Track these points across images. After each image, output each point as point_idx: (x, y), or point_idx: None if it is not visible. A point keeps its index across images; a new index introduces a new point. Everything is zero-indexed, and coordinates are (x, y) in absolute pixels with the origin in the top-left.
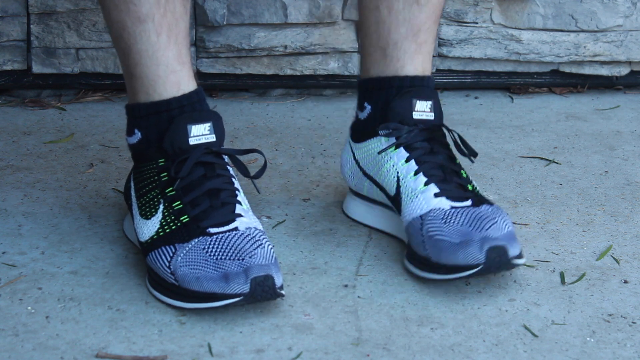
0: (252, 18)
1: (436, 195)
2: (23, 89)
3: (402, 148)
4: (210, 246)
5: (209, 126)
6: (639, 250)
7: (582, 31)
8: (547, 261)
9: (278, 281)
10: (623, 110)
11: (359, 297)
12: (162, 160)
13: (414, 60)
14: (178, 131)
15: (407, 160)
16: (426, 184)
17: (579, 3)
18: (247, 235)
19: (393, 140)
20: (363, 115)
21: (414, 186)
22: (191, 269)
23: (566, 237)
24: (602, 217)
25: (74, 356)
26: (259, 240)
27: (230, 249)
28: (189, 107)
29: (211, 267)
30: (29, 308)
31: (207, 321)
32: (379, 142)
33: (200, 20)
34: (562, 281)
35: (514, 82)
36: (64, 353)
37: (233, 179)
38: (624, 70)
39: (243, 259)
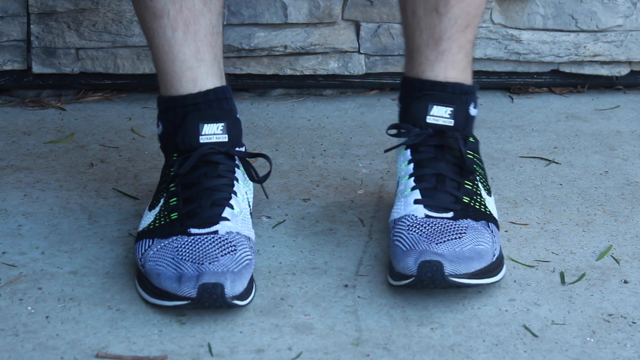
0: (252, 18)
1: (415, 202)
2: (23, 89)
3: (408, 150)
4: (183, 246)
5: (222, 126)
6: (639, 250)
7: (582, 31)
8: (547, 261)
9: (233, 290)
10: (623, 110)
11: (359, 297)
12: (175, 155)
13: (435, 68)
14: (190, 128)
15: (409, 163)
16: (412, 189)
17: (579, 3)
18: (222, 240)
19: (402, 140)
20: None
21: (403, 189)
22: (157, 264)
23: (566, 237)
24: (602, 217)
25: (74, 356)
26: (234, 245)
27: (197, 251)
28: (205, 105)
29: (173, 266)
30: (29, 308)
31: (207, 321)
32: (397, 140)
33: None
34: (562, 281)
35: (514, 82)
36: (64, 353)
37: (235, 182)
38: (624, 70)
39: (202, 264)
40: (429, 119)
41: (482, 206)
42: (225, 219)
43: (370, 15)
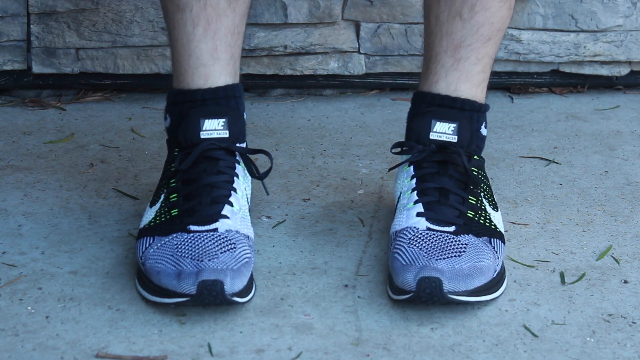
0: (252, 18)
1: (418, 214)
2: (23, 89)
3: (411, 166)
4: (182, 243)
5: (223, 122)
6: (639, 250)
7: (582, 31)
8: (547, 261)
9: (232, 287)
10: (623, 110)
11: (359, 297)
12: (177, 150)
13: (449, 76)
14: (191, 123)
15: (412, 178)
16: (415, 202)
17: (579, 3)
18: (221, 238)
19: (406, 157)
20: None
21: (406, 202)
22: (157, 262)
23: (566, 237)
24: (602, 217)
25: (74, 356)
26: (234, 243)
27: (196, 248)
28: (213, 102)
29: (172, 263)
30: (29, 308)
31: (207, 321)
32: (401, 158)
33: None
34: (562, 281)
35: (514, 82)
36: (64, 353)
37: (235, 178)
38: (624, 70)
39: (202, 261)
40: (432, 136)
41: (487, 221)
42: (225, 216)
43: (370, 15)
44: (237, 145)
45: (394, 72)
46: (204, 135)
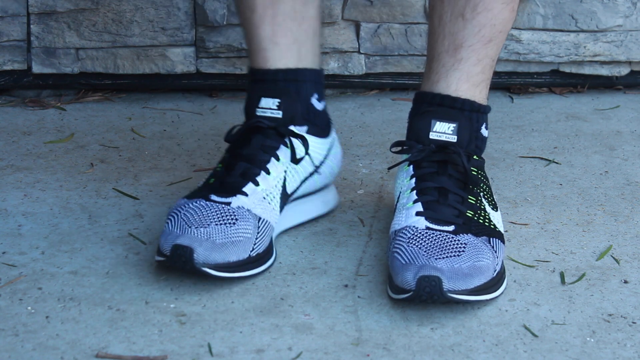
0: None
1: (417, 214)
2: (23, 89)
3: (411, 166)
4: (192, 209)
5: (278, 102)
6: (639, 250)
7: (582, 31)
8: (547, 261)
9: (206, 258)
10: (623, 110)
11: (359, 297)
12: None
13: (450, 76)
14: (251, 100)
15: (411, 178)
16: (415, 202)
17: (579, 3)
18: (226, 211)
19: (405, 156)
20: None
21: (405, 202)
22: (166, 221)
23: (566, 237)
24: (602, 217)
25: (74, 356)
26: (236, 219)
27: (197, 216)
28: (270, 82)
29: (171, 224)
30: (29, 308)
31: (207, 321)
32: (401, 157)
33: (200, 20)
34: (562, 281)
35: (514, 82)
36: (64, 353)
37: (273, 159)
38: (624, 70)
39: (190, 227)
40: (432, 135)
41: (487, 220)
42: (244, 193)
43: (370, 15)
44: (289, 128)
45: (393, 72)
46: (259, 112)
